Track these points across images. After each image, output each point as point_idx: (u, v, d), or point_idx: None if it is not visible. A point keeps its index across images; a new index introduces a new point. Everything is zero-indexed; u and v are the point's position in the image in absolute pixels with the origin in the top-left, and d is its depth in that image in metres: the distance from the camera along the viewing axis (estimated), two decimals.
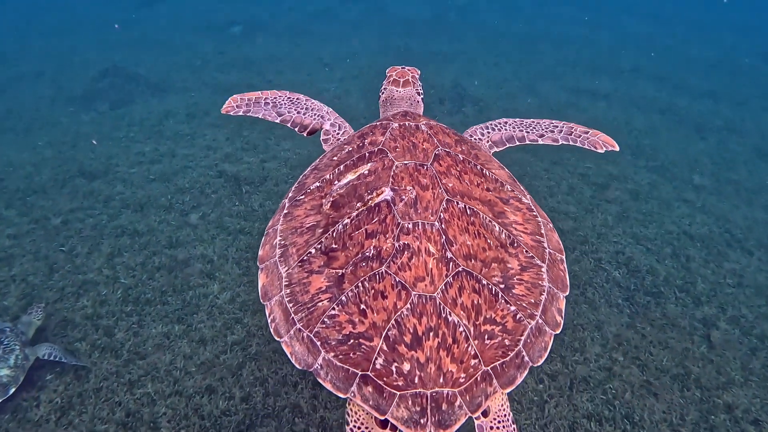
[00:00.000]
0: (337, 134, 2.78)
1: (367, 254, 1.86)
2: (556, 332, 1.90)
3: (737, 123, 8.01)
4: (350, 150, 2.35)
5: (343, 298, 1.81)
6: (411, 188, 2.00)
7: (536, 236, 2.14)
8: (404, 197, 1.97)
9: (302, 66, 9.06)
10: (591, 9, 16.57)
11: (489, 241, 1.95)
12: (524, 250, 2.02)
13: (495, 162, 2.52)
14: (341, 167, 2.25)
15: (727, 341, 3.56)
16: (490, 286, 1.85)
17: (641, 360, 3.35)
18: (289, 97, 3.05)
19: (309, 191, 2.27)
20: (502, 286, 1.88)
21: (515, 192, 2.29)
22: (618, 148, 2.60)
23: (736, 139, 7.37)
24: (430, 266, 1.80)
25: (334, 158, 2.38)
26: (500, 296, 1.85)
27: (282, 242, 2.11)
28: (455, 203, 1.99)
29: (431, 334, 1.70)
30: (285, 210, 2.26)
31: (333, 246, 1.95)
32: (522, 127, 2.79)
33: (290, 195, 2.35)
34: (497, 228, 2.02)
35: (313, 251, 1.97)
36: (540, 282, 1.98)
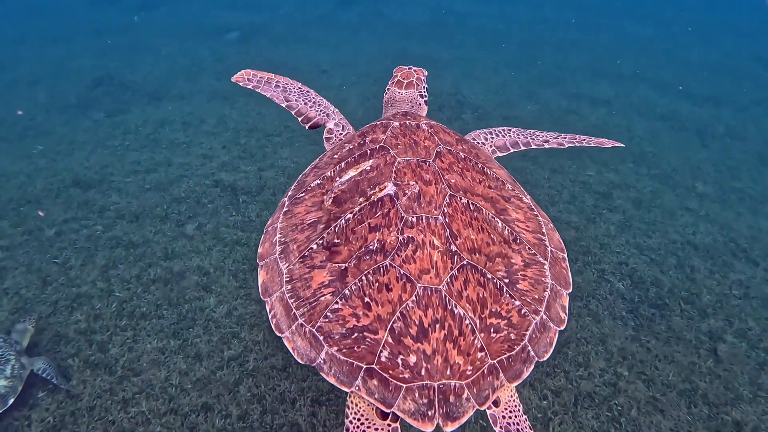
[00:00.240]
0: (340, 134, 2.80)
1: (371, 248, 1.86)
2: (561, 328, 1.92)
3: (739, 129, 8.03)
4: (351, 148, 2.36)
5: (347, 292, 1.81)
6: (414, 183, 2.02)
7: (538, 234, 2.16)
8: (407, 192, 1.98)
9: (300, 72, 9.05)
10: (591, 12, 16.67)
11: (492, 236, 1.96)
12: (527, 247, 2.04)
13: (495, 162, 2.54)
14: (342, 164, 2.25)
15: (735, 355, 3.53)
16: (495, 280, 1.86)
17: (647, 375, 3.32)
18: (300, 88, 3.07)
19: (309, 189, 2.26)
20: (507, 281, 1.89)
21: (516, 191, 2.31)
22: (623, 145, 2.72)
23: (739, 146, 7.38)
24: (435, 259, 1.81)
25: (335, 156, 2.38)
26: (505, 290, 1.86)
27: (282, 239, 2.11)
28: (458, 198, 2.01)
29: (437, 326, 1.70)
30: (285, 208, 2.26)
31: (335, 241, 1.95)
32: (527, 135, 2.82)
33: (290, 193, 2.35)
34: (500, 224, 2.03)
35: (315, 247, 1.97)
36: (543, 279, 1.99)
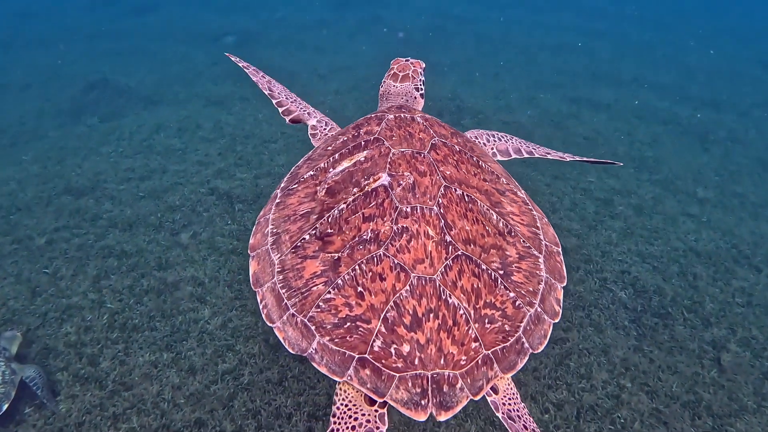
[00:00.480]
0: (324, 130, 2.81)
1: (365, 237, 1.86)
2: (555, 321, 1.93)
3: (741, 134, 8.04)
4: (345, 139, 2.36)
5: (340, 282, 1.81)
6: (408, 174, 2.02)
7: (532, 228, 2.17)
8: (402, 182, 1.99)
9: (297, 77, 9.06)
10: (591, 17, 16.74)
11: (487, 228, 1.97)
12: (521, 240, 2.05)
13: (490, 156, 2.55)
14: (336, 156, 2.26)
15: (738, 365, 3.50)
16: (490, 272, 1.87)
17: (650, 386, 3.29)
18: (285, 87, 3.16)
19: (302, 180, 2.26)
20: (501, 273, 1.90)
21: (510, 185, 2.32)
22: (621, 164, 2.71)
23: (740, 150, 7.38)
24: (430, 249, 1.82)
25: (329, 148, 2.39)
26: (500, 282, 1.87)
27: (274, 230, 2.10)
28: (453, 190, 2.01)
29: (431, 316, 1.70)
30: (277, 199, 2.26)
31: (328, 231, 1.95)
32: (529, 145, 2.82)
33: (282, 185, 2.36)
34: (495, 216, 2.04)
35: (307, 237, 1.97)
36: (537, 272, 2.00)
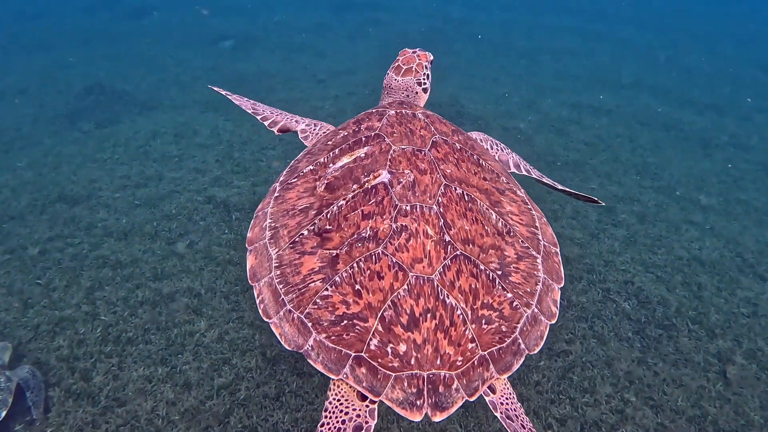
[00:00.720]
0: (315, 130, 2.80)
1: (363, 235, 1.87)
2: (551, 322, 1.94)
3: (743, 138, 8.03)
4: (345, 134, 2.36)
5: (337, 279, 1.81)
6: (409, 172, 2.02)
7: (531, 228, 2.17)
8: (402, 180, 1.99)
9: (296, 82, 9.04)
10: (591, 19, 16.77)
11: (486, 228, 1.98)
12: (520, 240, 2.05)
13: (490, 155, 2.56)
14: (336, 151, 2.26)
15: (744, 378, 3.47)
16: (488, 272, 1.87)
17: (655, 400, 3.25)
18: (270, 106, 3.12)
19: (302, 174, 2.25)
20: (499, 273, 1.90)
21: (510, 184, 2.32)
22: (604, 203, 2.67)
23: (743, 156, 7.37)
24: (428, 248, 1.82)
25: (329, 142, 2.38)
26: (497, 282, 1.87)
27: (272, 224, 2.10)
28: (453, 189, 2.02)
29: (428, 316, 1.71)
30: (276, 193, 2.25)
31: (327, 227, 1.95)
32: (527, 165, 2.84)
33: (281, 179, 2.35)
34: (494, 216, 2.05)
35: (306, 233, 1.97)
36: (535, 272, 2.00)
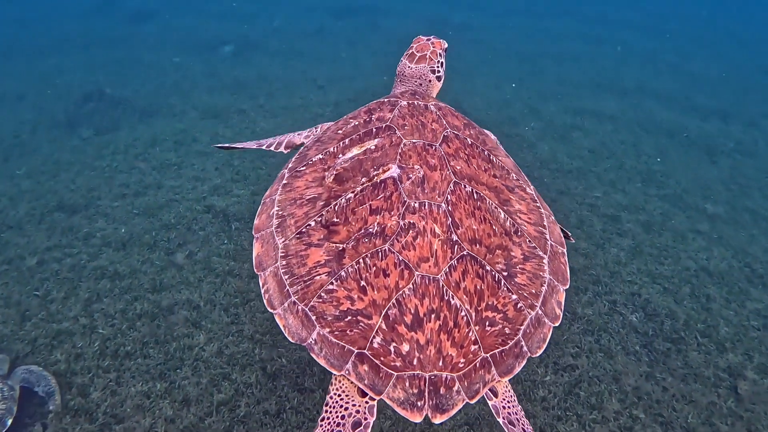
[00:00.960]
0: (316, 133, 2.78)
1: (371, 230, 1.87)
2: (555, 325, 1.93)
3: (749, 145, 8.00)
4: (356, 124, 2.35)
5: (343, 273, 1.81)
6: (419, 167, 2.02)
7: (539, 227, 2.17)
8: (411, 176, 1.99)
9: (295, 88, 9.03)
10: (593, 23, 16.80)
11: (494, 228, 1.98)
12: (527, 240, 2.05)
13: (501, 150, 2.55)
14: (346, 141, 2.25)
15: (756, 393, 3.42)
16: (494, 273, 1.87)
17: (664, 417, 3.20)
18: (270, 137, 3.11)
19: (311, 163, 2.24)
20: (505, 274, 1.90)
21: (520, 181, 2.32)
22: (573, 240, 2.57)
23: (750, 163, 7.34)
24: (435, 247, 1.82)
25: (339, 131, 2.37)
26: (503, 284, 1.87)
27: (280, 212, 2.09)
28: (463, 186, 2.01)
29: (433, 316, 1.71)
30: (284, 180, 2.24)
31: (334, 220, 1.94)
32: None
33: (290, 165, 2.33)
34: (502, 215, 2.04)
35: (313, 224, 1.96)
36: (541, 273, 2.00)
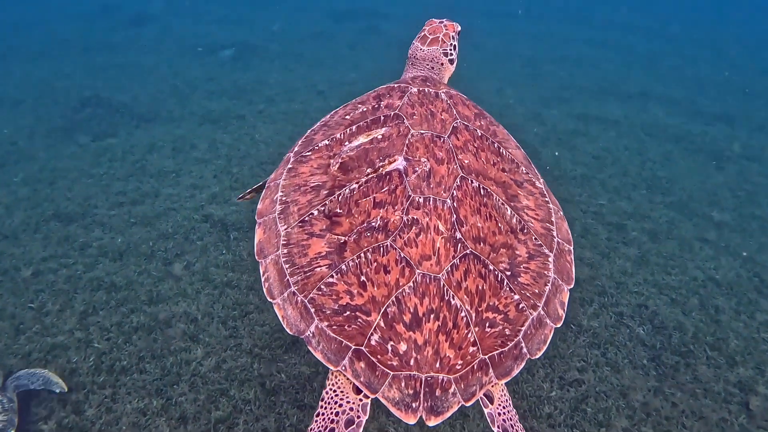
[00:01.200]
0: None
1: (373, 224, 1.85)
2: (557, 326, 1.92)
3: (756, 150, 7.95)
4: (364, 110, 2.32)
5: (343, 267, 1.79)
6: (425, 160, 1.99)
7: (546, 224, 2.14)
8: (417, 169, 1.96)
9: (296, 93, 9.01)
10: (595, 27, 16.80)
11: (500, 225, 1.96)
12: (533, 238, 2.03)
13: (512, 141, 2.50)
14: (353, 128, 2.22)
15: None
16: (497, 272, 1.85)
17: None
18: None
19: (317, 148, 2.22)
20: (508, 274, 1.89)
21: (530, 175, 2.29)
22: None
23: (757, 169, 7.29)
24: (438, 245, 1.80)
25: (347, 117, 2.34)
26: (505, 283, 1.85)
27: (283, 198, 2.07)
28: (469, 181, 1.99)
29: (432, 317, 1.69)
30: (289, 164, 2.22)
31: (337, 210, 1.93)
32: None
33: (296, 149, 2.31)
34: (509, 212, 2.02)
35: (316, 213, 1.95)
36: (546, 272, 1.98)
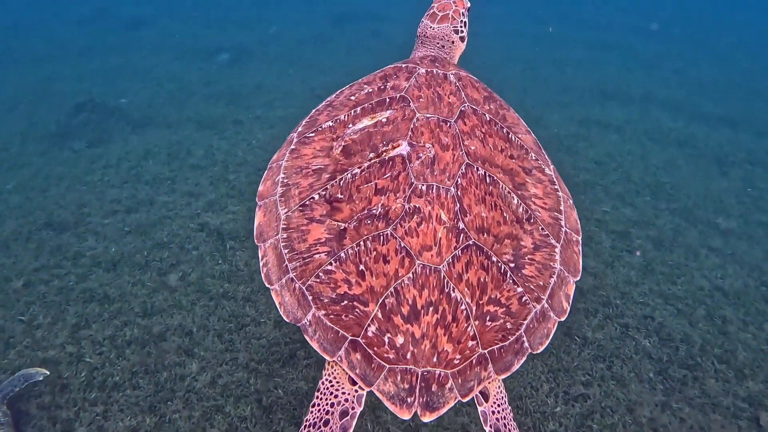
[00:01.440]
0: None
1: (374, 212, 1.83)
2: (561, 319, 1.88)
3: (760, 154, 7.91)
4: (370, 92, 2.28)
5: (342, 255, 1.77)
6: (430, 146, 1.95)
7: (554, 212, 2.09)
8: (421, 155, 1.92)
9: (293, 98, 8.97)
10: (596, 28, 16.79)
11: (505, 215, 1.92)
12: (540, 228, 1.99)
13: (522, 125, 2.45)
14: (358, 110, 2.18)
15: None
16: (500, 264, 1.82)
17: None
18: None
19: (320, 129, 2.19)
20: (512, 265, 1.85)
21: (539, 161, 2.24)
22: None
23: (761, 174, 7.24)
24: (440, 235, 1.77)
25: (352, 97, 2.31)
26: (509, 276, 1.82)
27: (284, 180, 2.05)
28: (475, 169, 1.94)
29: (431, 309, 1.67)
30: (292, 145, 2.19)
31: (338, 196, 1.90)
32: None
33: (299, 130, 2.28)
34: (515, 201, 1.98)
35: (317, 197, 1.93)
36: (551, 264, 1.94)
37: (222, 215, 5.12)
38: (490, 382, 1.78)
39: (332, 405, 1.76)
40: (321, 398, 1.80)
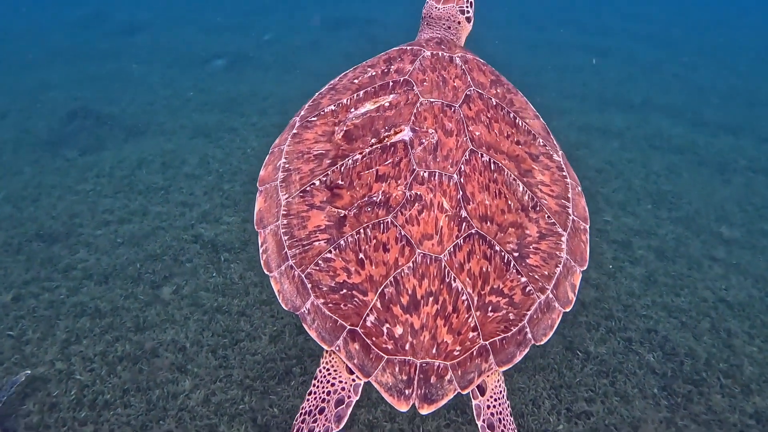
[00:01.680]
0: None
1: (374, 199, 1.81)
2: (566, 310, 1.85)
3: (763, 162, 7.92)
4: (373, 75, 2.26)
5: (342, 243, 1.76)
6: (433, 131, 1.93)
7: (562, 200, 2.06)
8: (424, 141, 1.90)
9: (289, 104, 8.95)
10: (596, 34, 16.87)
11: (510, 203, 1.89)
12: (546, 216, 1.96)
13: (531, 110, 2.44)
14: (360, 93, 2.17)
15: None
16: (503, 253, 1.79)
17: None
18: None
19: (322, 114, 2.18)
20: (516, 255, 1.82)
21: (547, 147, 2.21)
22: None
23: (764, 181, 7.25)
24: (441, 224, 1.74)
25: (355, 81, 2.29)
26: (512, 265, 1.79)
27: (286, 165, 2.05)
28: (479, 155, 1.91)
29: (431, 300, 1.65)
30: (294, 130, 2.19)
31: (339, 182, 1.90)
32: None
33: (302, 114, 2.28)
34: (521, 188, 1.95)
35: (317, 183, 1.93)
36: (557, 253, 1.90)
37: (216, 226, 5.08)
38: (490, 375, 1.76)
39: (328, 393, 1.76)
40: (318, 386, 1.81)
